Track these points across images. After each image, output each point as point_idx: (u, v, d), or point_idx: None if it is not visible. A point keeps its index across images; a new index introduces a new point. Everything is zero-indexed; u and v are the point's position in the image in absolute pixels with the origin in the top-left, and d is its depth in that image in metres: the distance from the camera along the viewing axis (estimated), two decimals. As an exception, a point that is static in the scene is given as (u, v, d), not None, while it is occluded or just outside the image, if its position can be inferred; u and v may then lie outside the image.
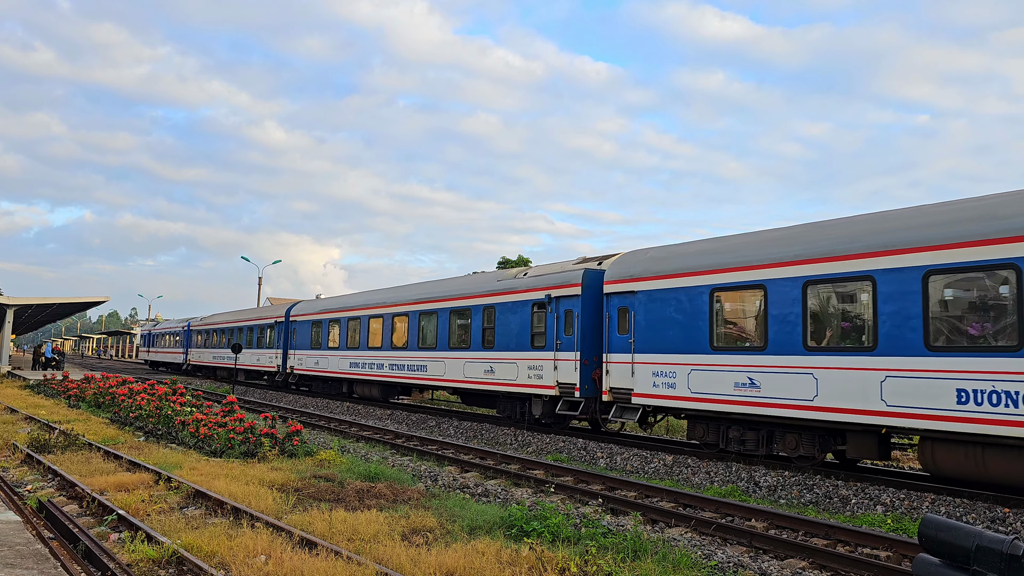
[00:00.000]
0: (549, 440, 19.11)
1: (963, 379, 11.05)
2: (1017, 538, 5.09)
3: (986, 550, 5.09)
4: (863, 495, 12.34)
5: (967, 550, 5.17)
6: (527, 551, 8.11)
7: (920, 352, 11.67)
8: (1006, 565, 5.02)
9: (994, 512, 10.89)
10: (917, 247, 11.96)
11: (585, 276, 18.62)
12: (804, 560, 8.92)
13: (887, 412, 12.00)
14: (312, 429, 22.04)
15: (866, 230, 12.93)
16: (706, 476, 14.48)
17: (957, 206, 12.15)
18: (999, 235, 11.03)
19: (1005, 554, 5.02)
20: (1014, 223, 10.96)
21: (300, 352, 34.21)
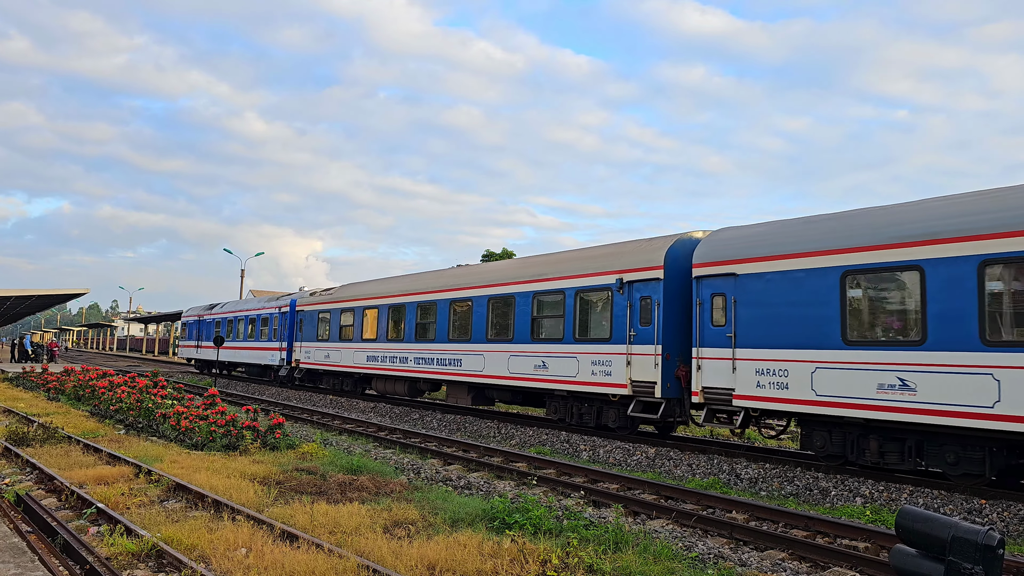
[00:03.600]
0: (532, 433, 19.13)
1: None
2: (992, 529, 5.15)
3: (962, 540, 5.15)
4: (843, 487, 12.45)
5: (943, 541, 5.24)
6: (509, 543, 8.12)
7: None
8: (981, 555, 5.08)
9: (971, 503, 11.02)
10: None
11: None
12: (784, 551, 8.99)
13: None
14: (294, 422, 21.97)
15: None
16: (688, 468, 14.55)
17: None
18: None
19: (980, 544, 5.09)
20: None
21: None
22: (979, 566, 5.03)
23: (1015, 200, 10.97)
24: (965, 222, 11.24)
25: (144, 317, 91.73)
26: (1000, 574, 5.21)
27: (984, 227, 11.00)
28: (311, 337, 31.27)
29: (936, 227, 11.61)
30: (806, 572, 8.20)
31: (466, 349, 21.62)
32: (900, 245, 11.95)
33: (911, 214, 12.24)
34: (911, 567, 5.43)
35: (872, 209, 13.16)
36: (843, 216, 13.39)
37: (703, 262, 15.04)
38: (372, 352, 26.43)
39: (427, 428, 21.59)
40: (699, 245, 15.36)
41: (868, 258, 12.32)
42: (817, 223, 13.62)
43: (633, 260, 16.83)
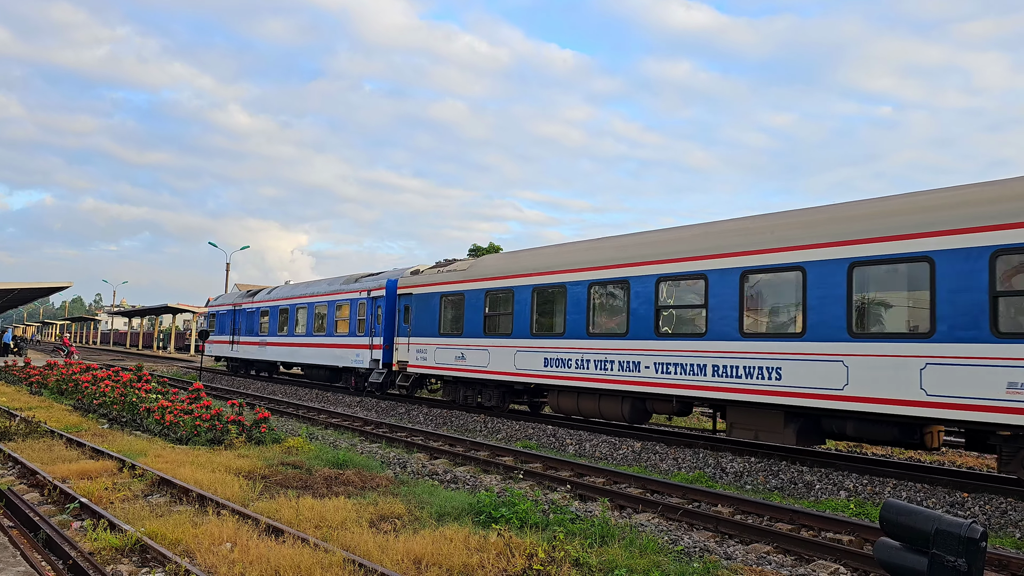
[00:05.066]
0: (519, 427, 19.14)
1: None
2: (975, 522, 5.19)
3: (945, 534, 5.19)
4: (827, 480, 12.53)
5: (927, 534, 5.27)
6: (495, 537, 8.12)
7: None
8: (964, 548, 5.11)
9: (953, 497, 11.11)
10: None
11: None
12: (769, 545, 9.03)
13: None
14: (280, 416, 21.88)
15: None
16: (674, 462, 14.59)
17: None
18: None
19: (963, 537, 5.12)
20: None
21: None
22: (962, 559, 5.06)
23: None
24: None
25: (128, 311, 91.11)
26: (983, 567, 5.25)
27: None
28: (427, 330, 22.68)
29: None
30: (791, 565, 8.24)
31: (797, 351, 12.92)
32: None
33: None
34: (895, 560, 5.46)
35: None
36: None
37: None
38: (555, 351, 17.94)
39: (413, 422, 21.56)
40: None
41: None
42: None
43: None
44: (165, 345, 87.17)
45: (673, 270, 15.38)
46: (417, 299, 23.43)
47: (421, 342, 23.07)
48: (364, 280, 27.62)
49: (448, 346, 21.79)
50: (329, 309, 29.39)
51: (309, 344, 30.73)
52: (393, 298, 25.17)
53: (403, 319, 24.10)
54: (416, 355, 23.19)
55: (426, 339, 22.88)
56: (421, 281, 23.55)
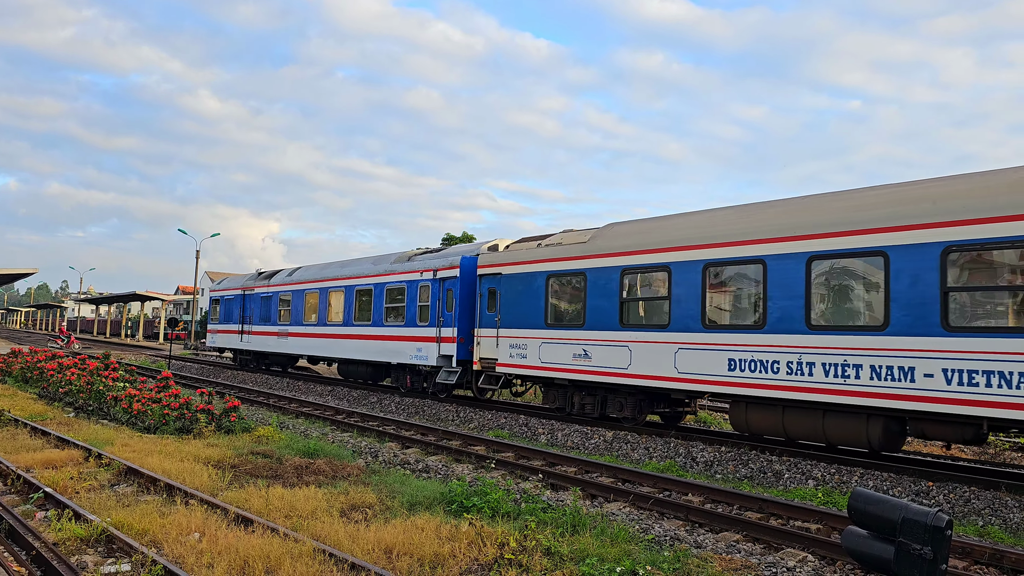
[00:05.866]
0: (491, 416, 19.13)
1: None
2: (941, 510, 5.27)
3: (912, 522, 5.26)
4: (796, 470, 12.66)
5: (894, 522, 5.34)
6: (467, 527, 8.11)
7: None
8: (930, 536, 5.19)
9: (919, 485, 11.28)
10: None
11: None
12: (738, 533, 9.11)
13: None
14: (250, 405, 21.69)
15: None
16: (645, 452, 14.67)
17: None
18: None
19: (929, 525, 5.20)
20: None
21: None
22: (928, 547, 5.14)
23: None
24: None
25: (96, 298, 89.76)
26: (948, 554, 5.33)
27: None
28: (525, 320, 18.25)
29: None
30: (760, 553, 8.32)
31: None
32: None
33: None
34: (862, 548, 5.53)
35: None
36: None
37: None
38: (749, 350, 13.41)
39: (385, 411, 21.48)
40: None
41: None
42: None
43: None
44: (134, 333, 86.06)
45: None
46: (509, 281, 18.79)
47: (517, 335, 18.44)
48: (425, 258, 22.84)
49: (561, 341, 17.16)
50: (376, 293, 24.12)
51: (347, 336, 25.62)
52: (471, 280, 20.46)
53: (486, 306, 19.51)
54: (509, 351, 18.59)
55: (524, 331, 18.26)
56: (516, 258, 18.79)
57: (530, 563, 7.16)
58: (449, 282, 20.98)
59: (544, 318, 17.75)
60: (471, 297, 20.48)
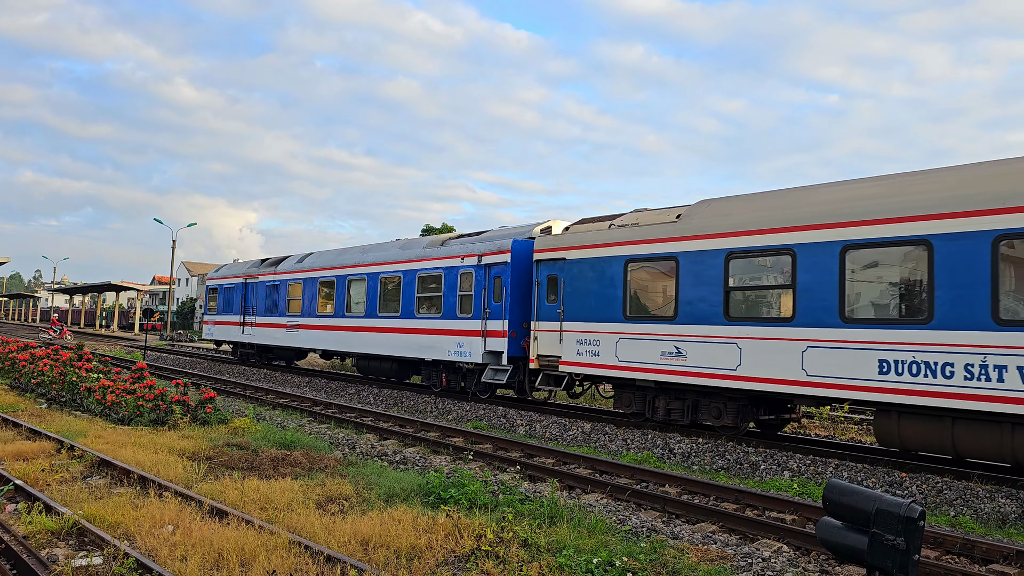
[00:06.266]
0: (469, 408, 19.11)
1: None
2: (914, 501, 5.30)
3: (885, 513, 5.30)
4: (772, 461, 12.75)
5: (868, 513, 5.37)
6: (444, 518, 8.09)
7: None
8: (903, 527, 5.23)
9: (892, 476, 11.40)
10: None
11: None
12: (715, 524, 9.16)
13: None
14: (227, 396, 21.52)
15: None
16: (623, 443, 14.72)
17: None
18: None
19: (903, 516, 5.23)
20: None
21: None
22: (901, 537, 5.18)
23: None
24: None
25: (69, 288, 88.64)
26: (920, 545, 5.38)
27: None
28: (597, 312, 15.95)
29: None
30: (735, 544, 8.36)
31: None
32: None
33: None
34: (837, 539, 5.57)
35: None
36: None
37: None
38: (911, 349, 11.35)
39: (363, 403, 21.39)
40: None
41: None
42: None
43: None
44: (108, 324, 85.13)
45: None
46: (576, 267, 16.47)
47: (586, 329, 16.17)
48: (465, 242, 20.44)
49: (645, 336, 14.94)
50: (406, 281, 21.90)
51: (369, 328, 23.27)
52: (524, 266, 18.35)
53: (545, 296, 17.26)
54: (575, 348, 16.32)
55: (596, 325, 15.96)
56: (583, 241, 16.48)
57: (507, 555, 7.15)
58: (497, 269, 18.72)
59: (622, 310, 15.42)
60: (524, 286, 18.34)
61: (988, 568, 7.60)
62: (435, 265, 20.98)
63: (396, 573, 6.59)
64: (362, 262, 24.14)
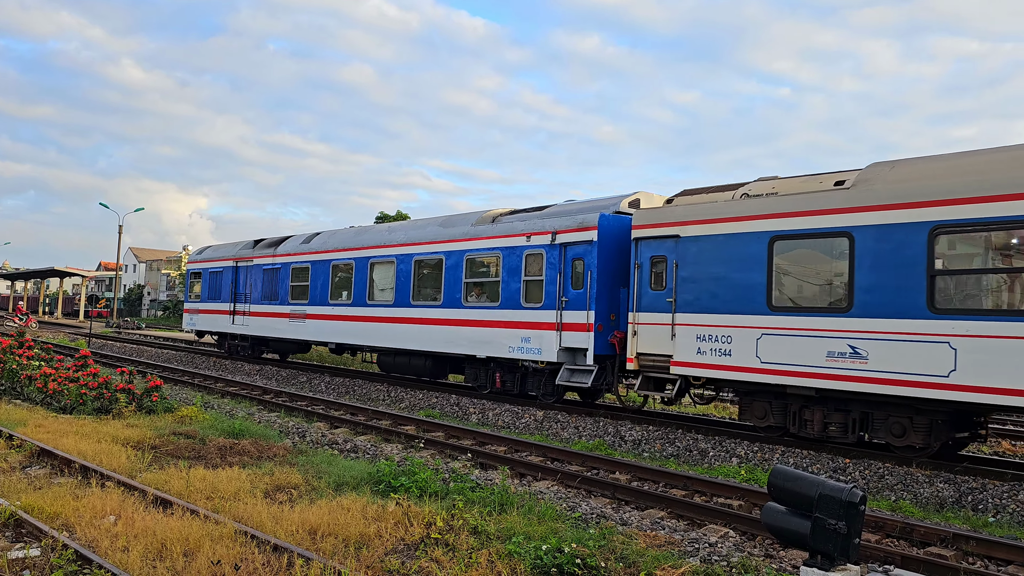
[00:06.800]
0: (422, 396, 19.05)
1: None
2: (855, 486, 5.42)
3: (828, 498, 5.40)
4: (720, 448, 12.94)
5: (811, 498, 5.47)
6: (393, 506, 8.04)
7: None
8: (845, 511, 5.34)
9: (836, 463, 11.65)
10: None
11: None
12: (663, 510, 9.27)
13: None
14: (174, 385, 21.12)
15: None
16: (575, 431, 14.80)
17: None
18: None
19: (844, 501, 5.34)
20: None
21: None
22: (843, 521, 5.29)
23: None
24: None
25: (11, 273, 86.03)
26: (861, 528, 5.50)
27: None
28: (727, 302, 13.15)
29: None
30: (684, 529, 8.47)
31: None
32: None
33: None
34: (781, 523, 5.67)
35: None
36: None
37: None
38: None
39: (315, 391, 21.18)
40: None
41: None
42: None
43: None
44: (52, 310, 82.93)
45: None
46: (695, 246, 13.65)
47: (711, 323, 13.33)
48: (531, 217, 17.49)
49: (800, 332, 12.14)
50: (450, 264, 18.77)
51: (399, 319, 20.05)
52: (614, 246, 15.56)
53: (647, 282, 14.40)
54: (695, 345, 13.49)
55: (724, 318, 13.14)
56: (705, 214, 13.63)
57: (456, 542, 7.14)
58: (578, 249, 15.77)
59: (766, 299, 12.58)
60: (612, 270, 15.54)
61: (926, 550, 7.81)
62: (490, 246, 17.77)
63: (344, 562, 6.53)
64: (390, 242, 20.93)
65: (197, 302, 30.20)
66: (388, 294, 20.63)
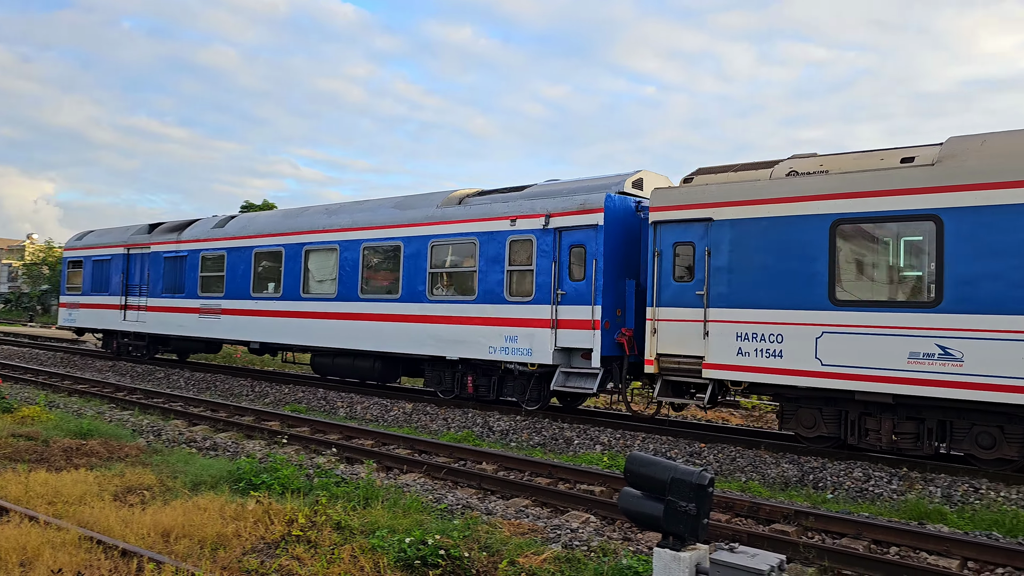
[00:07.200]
0: (288, 391, 18.57)
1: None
2: (705, 470, 5.69)
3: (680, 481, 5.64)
4: (585, 436, 13.29)
5: (664, 482, 5.70)
6: (254, 504, 7.82)
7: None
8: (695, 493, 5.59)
9: (692, 447, 12.20)
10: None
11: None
12: (528, 498, 9.43)
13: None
14: (14, 383, 19.67)
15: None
16: (444, 423, 14.83)
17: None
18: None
19: (694, 484, 5.59)
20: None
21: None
22: (693, 503, 5.54)
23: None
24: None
25: None
26: (710, 509, 5.78)
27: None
28: (772, 295, 11.70)
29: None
30: (547, 516, 8.65)
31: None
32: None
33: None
34: (636, 507, 5.87)
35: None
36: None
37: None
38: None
39: (172, 387, 20.25)
40: None
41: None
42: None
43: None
44: None
45: None
46: (734, 231, 12.11)
47: (755, 319, 11.80)
48: (515, 198, 15.45)
49: (877, 330, 10.68)
50: (410, 252, 16.55)
51: (344, 315, 17.69)
52: (622, 232, 14.04)
53: (671, 272, 12.80)
54: (736, 345, 11.92)
55: (773, 313, 11.64)
56: (747, 193, 12.06)
57: (319, 538, 7.02)
58: (578, 235, 13.97)
59: (827, 291, 11.13)
60: (619, 258, 13.93)
61: (770, 527, 8.31)
62: (463, 230, 15.66)
63: (199, 563, 6.29)
64: (332, 226, 18.43)
65: (77, 295, 26.61)
66: (329, 286, 18.28)
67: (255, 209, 51.95)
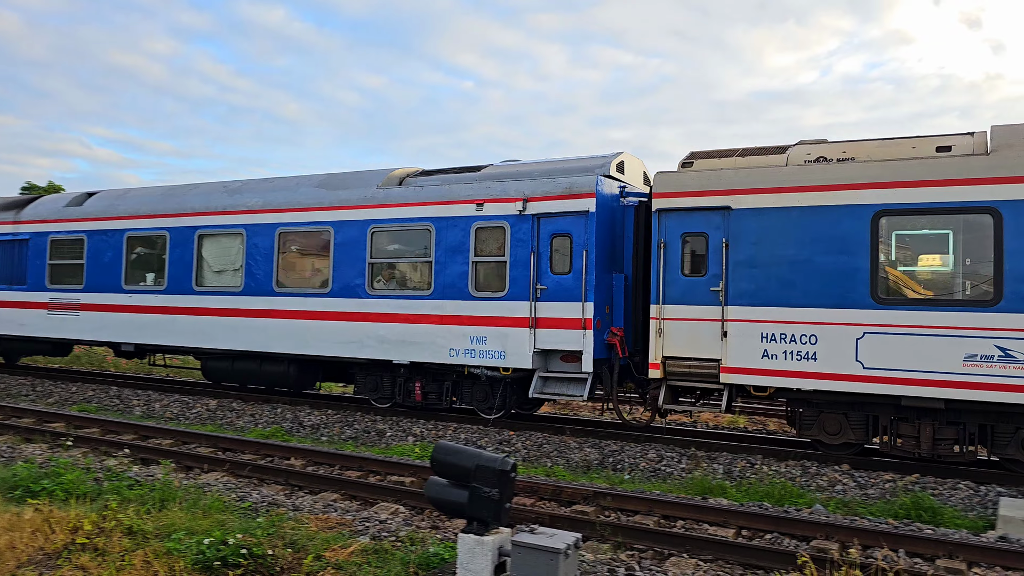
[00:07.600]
0: (76, 389, 17.21)
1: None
2: (508, 456, 5.89)
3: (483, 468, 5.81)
4: (398, 428, 13.30)
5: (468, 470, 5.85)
6: (32, 513, 7.20)
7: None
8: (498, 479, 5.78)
9: (502, 436, 12.54)
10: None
11: None
12: (337, 492, 9.32)
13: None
14: None
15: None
16: (251, 419, 14.32)
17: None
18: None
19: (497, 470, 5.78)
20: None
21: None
22: (496, 489, 5.72)
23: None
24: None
25: None
26: (512, 493, 6.00)
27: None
28: (800, 293, 10.68)
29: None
30: (356, 509, 8.59)
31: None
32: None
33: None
34: (442, 495, 5.99)
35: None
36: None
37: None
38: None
39: (-63, 388, 18.16)
40: None
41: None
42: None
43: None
44: None
45: None
46: (758, 221, 10.97)
47: (779, 319, 10.76)
48: (482, 179, 13.57)
49: (926, 331, 9.89)
50: (342, 240, 14.32)
51: (254, 312, 15.10)
52: (608, 220, 12.60)
53: (679, 266, 11.52)
54: (760, 347, 10.81)
55: (806, 312, 10.60)
56: (772, 180, 10.93)
57: (108, 545, 6.59)
58: (562, 222, 12.46)
59: (869, 288, 10.20)
60: (608, 250, 12.57)
61: (571, 509, 8.72)
62: (414, 215, 13.67)
63: (-35, 581, 5.73)
64: (236, 208, 15.59)
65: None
66: (231, 278, 15.56)
67: (39, 192, 47.39)
